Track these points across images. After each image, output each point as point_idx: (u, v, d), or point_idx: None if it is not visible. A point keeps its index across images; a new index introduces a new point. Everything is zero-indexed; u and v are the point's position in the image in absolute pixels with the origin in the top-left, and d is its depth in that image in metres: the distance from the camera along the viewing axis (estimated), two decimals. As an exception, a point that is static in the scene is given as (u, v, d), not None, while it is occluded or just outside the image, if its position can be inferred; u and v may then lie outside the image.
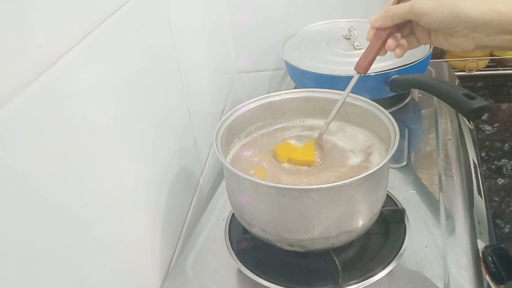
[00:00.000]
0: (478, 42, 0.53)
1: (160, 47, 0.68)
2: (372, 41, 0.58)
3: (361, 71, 0.59)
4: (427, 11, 0.53)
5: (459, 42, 0.54)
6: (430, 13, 0.52)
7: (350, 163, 0.62)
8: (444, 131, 0.86)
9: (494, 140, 1.32)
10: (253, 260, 0.62)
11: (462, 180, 0.74)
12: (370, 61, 0.58)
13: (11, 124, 0.34)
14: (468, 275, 0.57)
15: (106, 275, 0.49)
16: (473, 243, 0.62)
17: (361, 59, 0.59)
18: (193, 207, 0.79)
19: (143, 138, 0.60)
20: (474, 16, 0.51)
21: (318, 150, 0.64)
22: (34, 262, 0.37)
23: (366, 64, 0.58)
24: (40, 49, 0.38)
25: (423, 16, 0.53)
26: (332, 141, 0.66)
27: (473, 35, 0.52)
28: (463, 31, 0.53)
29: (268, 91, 0.87)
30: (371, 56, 0.58)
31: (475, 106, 0.67)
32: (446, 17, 0.52)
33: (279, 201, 0.53)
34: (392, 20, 0.56)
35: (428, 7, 0.53)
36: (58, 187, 0.40)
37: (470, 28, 0.52)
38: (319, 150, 0.64)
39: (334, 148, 0.65)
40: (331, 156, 0.64)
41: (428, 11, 0.52)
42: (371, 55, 0.58)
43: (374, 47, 0.58)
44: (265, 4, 1.14)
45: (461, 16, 0.51)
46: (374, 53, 0.58)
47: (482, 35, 0.52)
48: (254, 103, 0.68)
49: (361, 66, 0.59)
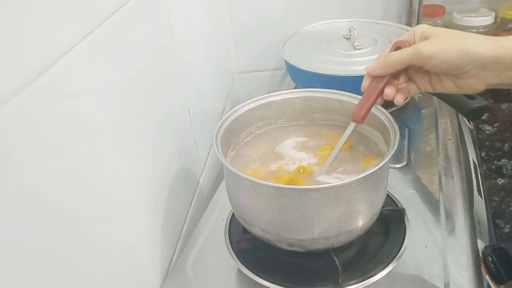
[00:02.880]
0: (489, 81, 0.51)
1: (160, 47, 0.68)
2: (368, 90, 0.56)
3: (358, 120, 0.56)
4: (434, 53, 0.50)
5: (470, 83, 0.52)
6: (437, 55, 0.50)
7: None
8: (444, 131, 0.86)
9: (494, 140, 1.32)
10: (253, 260, 0.62)
11: (462, 180, 0.74)
12: (367, 110, 0.56)
13: (11, 124, 0.34)
14: (468, 275, 0.57)
15: (106, 275, 0.49)
16: (473, 243, 0.62)
17: (357, 108, 0.56)
18: (193, 207, 0.79)
19: (143, 138, 0.60)
20: (483, 53, 0.49)
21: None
22: (34, 262, 0.37)
23: (363, 113, 0.56)
24: (40, 49, 0.38)
25: (430, 59, 0.50)
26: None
27: (484, 73, 0.51)
28: (472, 71, 0.50)
29: (268, 91, 0.87)
30: (368, 105, 0.55)
31: (475, 106, 0.67)
32: (455, 57, 0.50)
33: (279, 201, 0.53)
34: (394, 67, 0.53)
35: (435, 49, 0.50)
36: (58, 187, 0.40)
37: (480, 67, 0.50)
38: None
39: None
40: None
41: (436, 53, 0.50)
42: (368, 105, 0.55)
43: (371, 96, 0.55)
44: (265, 4, 1.14)
45: (470, 55, 0.49)
46: (371, 103, 0.55)
47: (493, 73, 0.50)
48: (254, 103, 0.68)
49: (357, 115, 0.56)
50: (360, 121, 0.56)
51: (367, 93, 0.56)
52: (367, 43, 0.94)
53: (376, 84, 0.55)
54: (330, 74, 0.87)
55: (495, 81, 0.51)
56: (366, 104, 0.56)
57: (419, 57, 0.51)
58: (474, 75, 0.51)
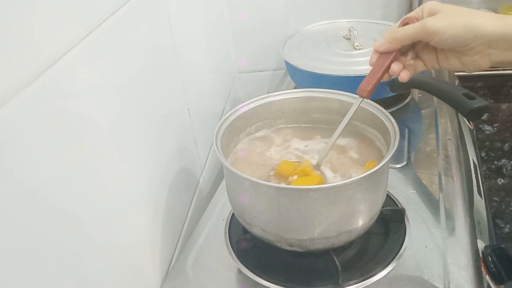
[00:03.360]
0: (494, 58, 0.51)
1: (160, 47, 0.68)
2: (376, 66, 0.56)
3: (364, 95, 0.57)
4: (440, 28, 0.50)
5: (474, 60, 0.52)
6: (443, 31, 0.50)
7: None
8: (444, 131, 0.86)
9: (494, 140, 1.32)
10: (253, 260, 0.62)
11: (462, 180, 0.74)
12: (373, 86, 0.56)
13: (11, 124, 0.34)
14: (468, 275, 0.57)
15: (106, 275, 0.49)
16: (473, 243, 0.62)
17: (363, 83, 0.57)
18: (193, 207, 0.79)
19: (143, 138, 0.60)
20: (489, 30, 0.49)
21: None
22: (35, 262, 0.37)
23: (369, 88, 0.56)
24: (40, 49, 0.38)
25: (436, 34, 0.51)
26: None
27: (489, 51, 0.51)
28: (478, 47, 0.51)
29: (268, 91, 0.87)
30: (374, 81, 0.56)
31: (475, 106, 0.67)
32: (461, 33, 0.50)
33: (279, 201, 0.53)
34: (401, 42, 0.54)
35: (441, 25, 0.50)
36: (58, 187, 0.40)
37: (485, 44, 0.50)
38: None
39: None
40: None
41: (442, 28, 0.50)
42: (374, 80, 0.56)
43: (377, 72, 0.56)
44: (265, 4, 1.14)
45: (475, 31, 0.50)
46: (377, 78, 0.56)
47: (499, 51, 0.51)
48: (254, 103, 0.68)
49: (363, 90, 0.57)
50: (366, 96, 0.57)
51: (374, 68, 0.56)
52: (367, 43, 0.94)
53: (383, 60, 0.56)
54: (330, 74, 0.87)
55: (500, 58, 0.51)
56: (373, 80, 0.56)
57: (425, 32, 0.52)
58: (479, 52, 0.51)
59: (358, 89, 0.57)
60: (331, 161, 0.63)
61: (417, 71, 0.57)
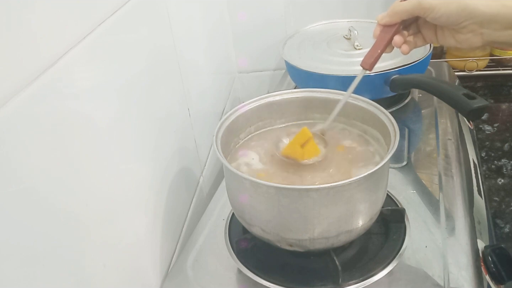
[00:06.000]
0: (485, 38, 0.53)
1: (160, 47, 0.68)
2: (379, 38, 0.59)
3: (367, 67, 0.59)
4: (434, 6, 0.53)
5: (467, 38, 0.55)
6: (437, 8, 0.53)
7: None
8: (444, 131, 0.86)
9: (494, 140, 1.32)
10: (253, 260, 0.62)
11: (462, 180, 0.74)
12: (376, 57, 0.59)
13: (11, 124, 0.35)
14: (468, 275, 0.57)
15: (106, 275, 0.49)
16: (473, 243, 0.62)
17: (366, 56, 0.59)
18: (193, 207, 0.79)
19: (143, 138, 0.60)
20: (482, 10, 0.51)
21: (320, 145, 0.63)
22: (34, 262, 0.37)
23: (372, 60, 0.59)
24: (40, 49, 0.38)
25: (431, 11, 0.54)
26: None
27: (481, 30, 0.53)
28: (470, 26, 0.53)
29: (268, 91, 0.87)
30: (377, 53, 0.58)
31: (475, 106, 0.67)
32: (454, 11, 0.52)
33: (279, 201, 0.53)
34: (399, 16, 0.57)
35: (435, 2, 0.53)
36: (58, 188, 0.40)
37: (478, 23, 0.52)
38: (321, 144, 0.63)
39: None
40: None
41: (436, 5, 0.53)
42: (377, 52, 0.58)
43: (381, 44, 0.58)
44: (265, 4, 1.14)
45: (468, 10, 0.52)
46: (381, 50, 0.58)
47: (490, 31, 0.53)
48: (254, 103, 0.68)
49: (367, 63, 0.59)
50: (369, 69, 0.59)
51: (377, 42, 0.59)
52: (367, 43, 0.94)
53: (386, 33, 0.58)
54: (330, 74, 0.87)
55: (492, 38, 0.54)
56: (375, 52, 0.59)
57: (421, 8, 0.55)
58: (472, 30, 0.54)
59: (362, 61, 0.60)
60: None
61: (418, 45, 0.61)
